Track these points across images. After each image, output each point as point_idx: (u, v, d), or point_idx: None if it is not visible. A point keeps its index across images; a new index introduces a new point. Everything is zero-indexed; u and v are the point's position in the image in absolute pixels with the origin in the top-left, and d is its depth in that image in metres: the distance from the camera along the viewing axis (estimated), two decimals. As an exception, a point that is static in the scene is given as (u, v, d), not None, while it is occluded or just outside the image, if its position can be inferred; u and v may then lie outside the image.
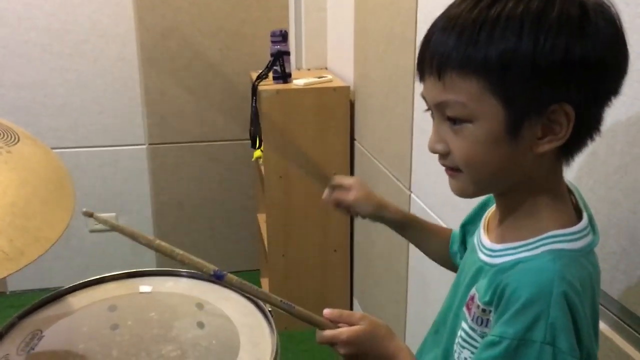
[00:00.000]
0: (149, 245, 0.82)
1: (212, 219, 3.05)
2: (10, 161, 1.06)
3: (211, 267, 0.82)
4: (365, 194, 1.13)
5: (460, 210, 1.54)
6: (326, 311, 0.87)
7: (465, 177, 0.75)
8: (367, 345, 0.84)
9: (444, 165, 0.78)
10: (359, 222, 2.53)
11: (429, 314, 1.77)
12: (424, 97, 0.77)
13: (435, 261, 1.16)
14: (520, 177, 0.74)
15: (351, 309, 2.64)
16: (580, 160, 0.87)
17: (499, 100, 0.69)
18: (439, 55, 0.70)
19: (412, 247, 1.86)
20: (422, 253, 1.18)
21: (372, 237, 2.33)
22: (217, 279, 0.81)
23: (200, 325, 1.19)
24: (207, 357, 1.06)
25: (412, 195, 1.85)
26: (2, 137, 1.13)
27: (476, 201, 1.32)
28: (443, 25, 0.71)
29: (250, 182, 2.98)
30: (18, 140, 1.14)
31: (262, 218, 2.78)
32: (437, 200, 1.68)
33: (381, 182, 2.16)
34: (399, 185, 1.96)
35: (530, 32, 0.65)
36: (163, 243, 0.82)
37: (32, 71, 2.73)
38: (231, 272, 1.27)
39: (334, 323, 0.88)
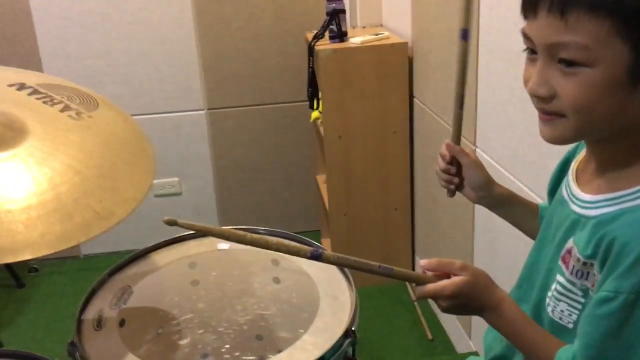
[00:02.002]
0: (241, 240, 0.80)
1: (272, 181, 3.10)
2: (93, 126, 1.11)
3: (308, 249, 0.82)
4: (479, 162, 1.06)
5: (530, 163, 1.52)
6: (423, 262, 0.85)
7: (569, 122, 0.71)
8: (470, 296, 0.83)
9: (542, 109, 0.73)
10: (419, 180, 2.52)
11: (498, 269, 1.76)
12: (525, 35, 0.73)
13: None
14: (625, 124, 0.71)
15: (413, 267, 2.66)
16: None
17: (628, 45, 0.65)
18: None
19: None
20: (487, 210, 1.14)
21: (434, 193, 2.32)
22: (315, 259, 0.81)
23: (276, 280, 1.23)
24: (290, 309, 1.09)
25: (478, 149, 1.82)
26: (83, 103, 1.17)
27: (552, 155, 1.29)
28: None
29: (309, 143, 2.99)
30: (98, 106, 1.18)
31: (321, 179, 2.80)
32: (504, 153, 1.65)
33: (443, 138, 2.12)
34: (463, 140, 1.93)
35: None
36: (255, 236, 0.81)
37: (94, 41, 2.79)
38: (293, 233, 1.29)
39: (433, 273, 0.86)
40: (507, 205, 1.05)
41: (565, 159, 0.94)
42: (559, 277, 0.80)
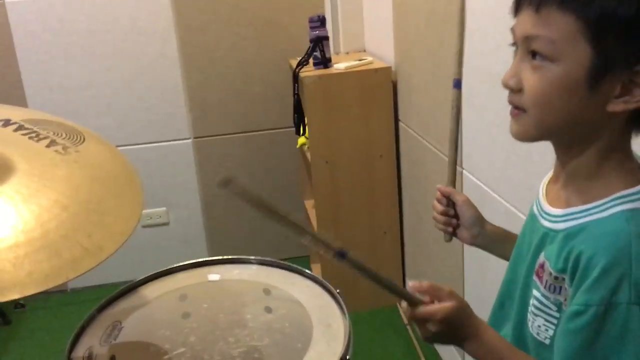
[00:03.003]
0: (281, 221, 0.80)
1: (259, 207, 3.08)
2: (80, 160, 1.10)
3: (335, 247, 0.82)
4: (471, 201, 1.08)
5: (516, 183, 1.53)
6: (413, 283, 0.85)
7: (529, 119, 0.74)
8: (457, 323, 0.83)
9: (511, 102, 0.77)
10: (407, 203, 2.52)
11: (488, 292, 1.76)
12: (513, 31, 0.76)
13: None
14: (587, 131, 0.73)
15: (404, 289, 2.65)
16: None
17: (591, 45, 0.68)
18: None
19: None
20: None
21: (423, 216, 2.32)
22: (340, 257, 0.80)
23: (268, 310, 1.21)
24: (283, 340, 1.08)
25: (464, 171, 1.83)
26: (69, 138, 1.17)
27: (538, 175, 1.30)
28: None
29: (296, 169, 3.00)
30: (84, 140, 1.18)
31: (309, 204, 2.80)
32: (490, 174, 1.66)
33: (429, 160, 2.15)
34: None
35: None
36: (296, 221, 0.81)
37: (77, 73, 2.80)
38: (281, 259, 1.29)
39: (422, 295, 0.85)
40: (500, 242, 1.06)
41: None
42: (535, 292, 0.81)
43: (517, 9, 0.74)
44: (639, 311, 0.67)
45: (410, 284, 0.85)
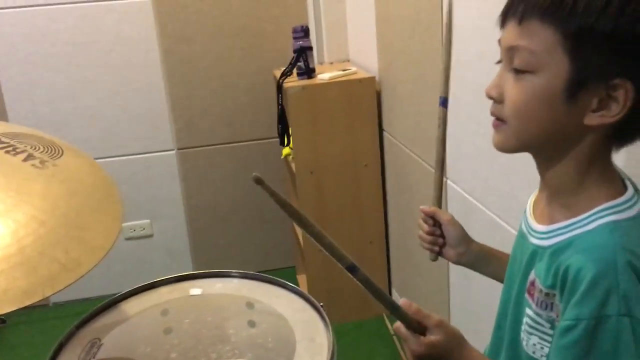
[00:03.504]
0: (307, 229, 0.79)
1: (245, 218, 3.07)
2: (58, 174, 1.08)
3: (348, 260, 0.81)
4: (456, 220, 1.07)
5: (500, 193, 1.53)
6: (404, 301, 0.84)
7: (509, 129, 0.75)
8: (439, 355, 0.82)
9: (492, 113, 0.78)
10: (392, 213, 2.52)
11: (473, 301, 1.76)
12: (499, 43, 0.77)
13: None
14: (566, 144, 0.74)
15: (390, 299, 2.64)
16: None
17: (569, 57, 0.69)
18: (526, 2, 0.71)
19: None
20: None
21: (408, 226, 2.32)
22: (350, 271, 0.79)
23: (252, 324, 1.20)
24: (266, 355, 1.06)
25: (448, 181, 1.83)
26: (47, 152, 1.15)
27: (522, 185, 1.30)
28: None
29: (281, 179, 2.99)
30: (62, 153, 1.16)
31: (295, 215, 2.78)
32: (475, 184, 1.66)
33: (414, 170, 2.15)
34: (433, 172, 1.95)
35: (615, 6, 0.65)
36: (317, 229, 0.80)
37: (60, 84, 2.77)
38: (267, 271, 1.28)
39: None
40: (486, 260, 1.06)
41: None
42: (528, 311, 0.81)
43: (504, 21, 0.76)
44: (629, 322, 0.67)
45: (401, 301, 0.84)
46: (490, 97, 0.77)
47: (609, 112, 0.69)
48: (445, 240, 1.07)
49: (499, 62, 0.78)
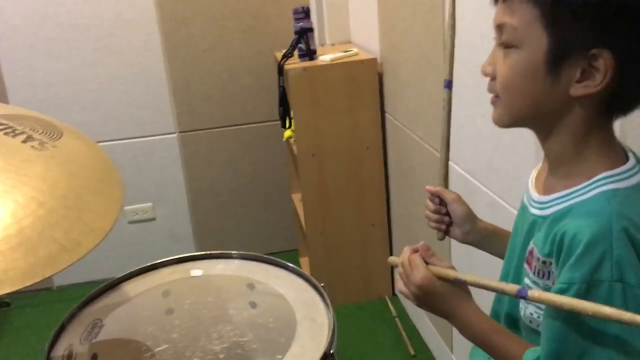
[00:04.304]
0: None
1: (247, 202, 3.07)
2: (57, 155, 1.08)
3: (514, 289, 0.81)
4: (462, 198, 1.08)
5: (502, 174, 1.52)
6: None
7: (502, 103, 0.78)
8: (439, 295, 0.86)
9: (489, 90, 0.81)
10: (394, 195, 2.52)
11: (476, 281, 1.76)
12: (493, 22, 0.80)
13: None
14: (552, 117, 0.76)
15: (392, 281, 2.64)
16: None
17: (546, 31, 0.71)
18: None
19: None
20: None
21: (410, 208, 2.32)
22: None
23: (253, 304, 1.20)
24: (267, 335, 1.07)
25: (450, 162, 1.82)
26: (46, 133, 1.14)
27: (523, 166, 1.30)
28: None
29: (283, 162, 2.98)
30: (62, 135, 1.15)
31: (297, 197, 2.78)
32: (477, 165, 1.65)
33: (416, 152, 2.14)
34: (435, 153, 1.94)
35: None
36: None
37: (61, 68, 2.76)
38: (270, 253, 1.28)
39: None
40: (491, 238, 1.06)
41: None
42: (526, 280, 0.82)
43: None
44: (621, 288, 0.67)
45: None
46: (485, 74, 0.80)
47: (593, 82, 0.71)
48: (452, 219, 1.07)
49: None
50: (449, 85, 1.11)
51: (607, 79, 0.69)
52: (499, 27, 0.76)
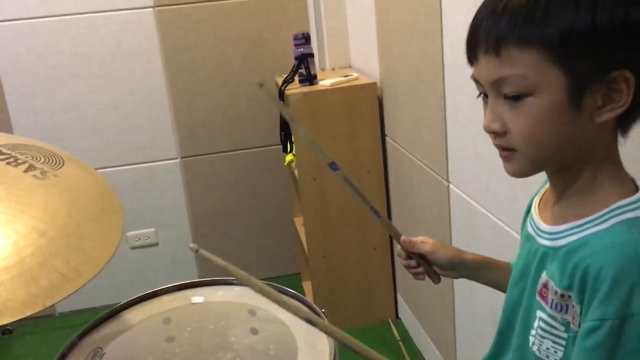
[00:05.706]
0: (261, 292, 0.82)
1: (249, 226, 3.07)
2: (58, 184, 1.08)
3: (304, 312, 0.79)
4: (440, 243, 1.07)
5: (502, 197, 1.52)
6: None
7: (522, 156, 0.74)
8: None
9: (498, 145, 0.76)
10: (396, 218, 2.52)
11: (477, 303, 1.75)
12: (475, 80, 0.76)
13: None
14: (581, 150, 0.73)
15: (396, 305, 2.63)
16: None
17: (560, 69, 0.68)
18: (494, 35, 0.70)
19: (454, 238, 1.84)
20: (465, 243, 1.16)
21: (411, 231, 2.31)
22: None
23: (254, 331, 1.20)
24: (267, 362, 1.06)
25: (451, 185, 1.83)
26: (48, 162, 1.15)
27: (523, 188, 1.30)
28: (493, 8, 0.71)
29: (284, 186, 2.99)
30: (63, 164, 1.16)
31: (299, 221, 2.78)
32: (477, 188, 1.66)
33: (417, 175, 2.14)
34: (435, 177, 1.95)
35: (587, 6, 0.65)
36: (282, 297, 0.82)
37: (62, 95, 2.78)
38: (272, 277, 1.28)
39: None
40: (484, 270, 1.05)
41: (528, 206, 0.94)
42: (540, 314, 0.79)
43: (472, 57, 0.75)
44: None
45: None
46: (492, 132, 0.75)
47: (616, 103, 0.69)
48: (435, 267, 1.07)
49: (480, 95, 0.77)
50: (333, 166, 1.08)
51: (632, 96, 0.68)
52: (496, 82, 0.72)
